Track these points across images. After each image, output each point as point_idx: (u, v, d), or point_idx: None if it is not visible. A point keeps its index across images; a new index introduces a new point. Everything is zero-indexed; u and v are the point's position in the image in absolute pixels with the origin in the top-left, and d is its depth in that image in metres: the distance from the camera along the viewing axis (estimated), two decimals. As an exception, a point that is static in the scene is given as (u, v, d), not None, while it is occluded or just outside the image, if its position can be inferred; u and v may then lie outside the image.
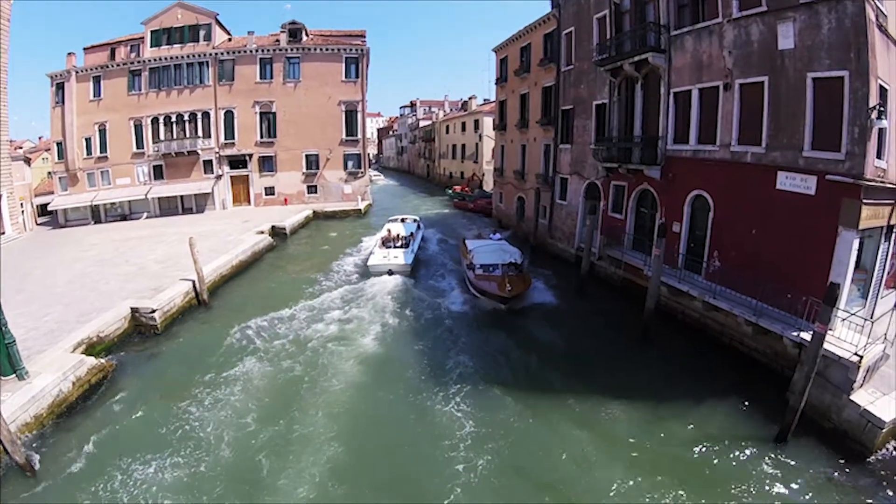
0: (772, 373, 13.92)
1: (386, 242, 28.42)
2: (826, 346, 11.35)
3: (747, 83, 15.21)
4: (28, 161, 47.28)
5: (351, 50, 45.51)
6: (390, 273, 25.15)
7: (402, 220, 34.27)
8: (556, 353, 16.90)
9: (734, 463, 11.04)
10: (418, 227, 33.33)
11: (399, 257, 25.95)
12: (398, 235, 29.35)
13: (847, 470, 10.67)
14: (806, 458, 11.08)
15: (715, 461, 11.09)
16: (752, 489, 10.24)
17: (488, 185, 50.58)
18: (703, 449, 11.53)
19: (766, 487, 10.25)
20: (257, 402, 14.08)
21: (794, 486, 10.32)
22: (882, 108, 11.97)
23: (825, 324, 10.92)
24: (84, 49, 45.32)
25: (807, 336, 12.11)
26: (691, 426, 12.38)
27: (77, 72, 43.81)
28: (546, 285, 23.85)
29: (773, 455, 11.24)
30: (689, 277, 17.42)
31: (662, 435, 12.13)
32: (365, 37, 47.04)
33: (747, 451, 11.41)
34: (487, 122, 51.19)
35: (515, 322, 19.52)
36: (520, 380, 15.20)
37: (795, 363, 12.64)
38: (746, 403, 13.00)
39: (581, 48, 25.24)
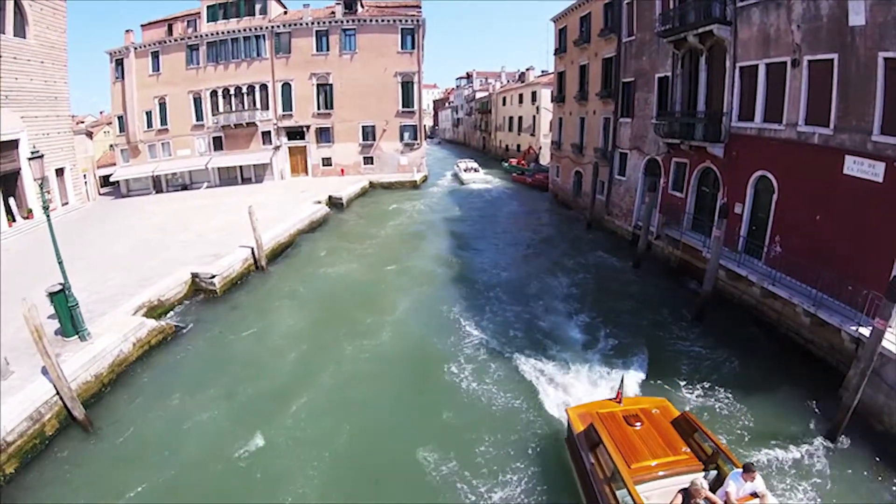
0: (826, 367, 13.32)
1: (466, 170, 51.16)
2: (885, 343, 10.74)
3: (816, 60, 14.13)
4: (90, 135, 49.59)
5: (407, 21, 45.15)
6: (474, 183, 47.54)
7: (464, 162, 54.95)
8: (602, 325, 17.04)
9: (780, 457, 10.63)
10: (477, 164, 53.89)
11: (479, 174, 50.74)
12: (471, 167, 52.30)
13: (896, 477, 10.12)
14: (855, 460, 10.57)
15: (759, 453, 10.72)
16: (797, 486, 9.87)
17: (544, 159, 49.75)
18: (748, 439, 11.20)
19: (812, 486, 9.87)
20: (313, 351, 15.43)
21: (840, 488, 9.89)
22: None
23: (885, 320, 10.29)
24: (141, 26, 46.80)
25: (865, 331, 11.44)
26: (737, 414, 12.04)
27: (135, 48, 45.35)
28: (602, 263, 23.80)
29: (821, 453, 10.76)
30: (749, 261, 16.74)
31: (706, 418, 11.75)
32: (420, 7, 46.36)
33: (795, 447, 10.93)
34: (545, 94, 49.90)
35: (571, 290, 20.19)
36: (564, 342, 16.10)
37: (851, 359, 12.03)
38: (798, 397, 12.46)
39: (643, 18, 24.16)
